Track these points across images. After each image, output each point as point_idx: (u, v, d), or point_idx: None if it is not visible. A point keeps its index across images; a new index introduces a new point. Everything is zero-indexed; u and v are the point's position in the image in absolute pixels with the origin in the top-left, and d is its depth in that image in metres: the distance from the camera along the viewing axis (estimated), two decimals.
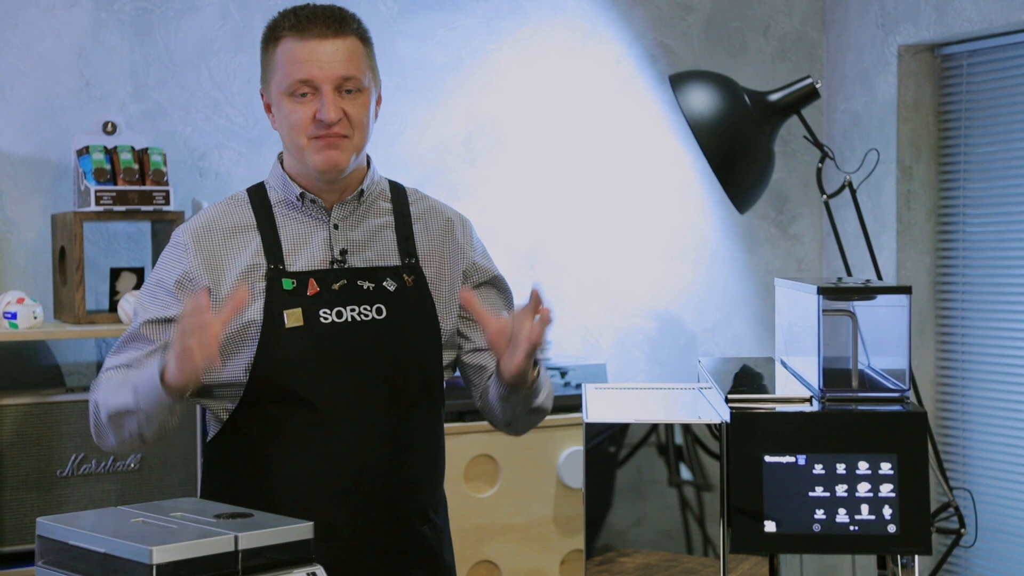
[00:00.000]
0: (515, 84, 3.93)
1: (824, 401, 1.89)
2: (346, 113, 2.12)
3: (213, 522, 1.77)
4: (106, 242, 3.43)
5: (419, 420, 2.21)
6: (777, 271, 4.28)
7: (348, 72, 2.11)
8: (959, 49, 3.96)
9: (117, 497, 3.05)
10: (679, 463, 1.90)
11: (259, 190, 2.24)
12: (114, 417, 2.11)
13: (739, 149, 3.48)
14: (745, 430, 1.82)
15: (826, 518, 1.81)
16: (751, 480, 1.81)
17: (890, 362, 1.98)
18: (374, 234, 2.21)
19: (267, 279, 2.14)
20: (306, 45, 2.11)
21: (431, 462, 2.25)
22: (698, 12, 4.16)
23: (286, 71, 2.12)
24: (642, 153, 4.09)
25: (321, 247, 2.18)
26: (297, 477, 2.13)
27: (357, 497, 2.14)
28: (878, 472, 1.80)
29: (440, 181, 3.81)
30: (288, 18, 2.15)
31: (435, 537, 2.26)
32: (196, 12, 3.54)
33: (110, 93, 3.45)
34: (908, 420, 1.81)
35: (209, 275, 2.15)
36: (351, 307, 2.14)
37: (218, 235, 2.18)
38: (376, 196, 2.24)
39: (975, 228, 3.98)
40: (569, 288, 3.99)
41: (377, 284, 2.17)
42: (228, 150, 3.58)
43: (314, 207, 2.18)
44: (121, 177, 3.19)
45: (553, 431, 3.48)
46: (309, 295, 2.14)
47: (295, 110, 2.12)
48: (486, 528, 3.42)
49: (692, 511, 1.90)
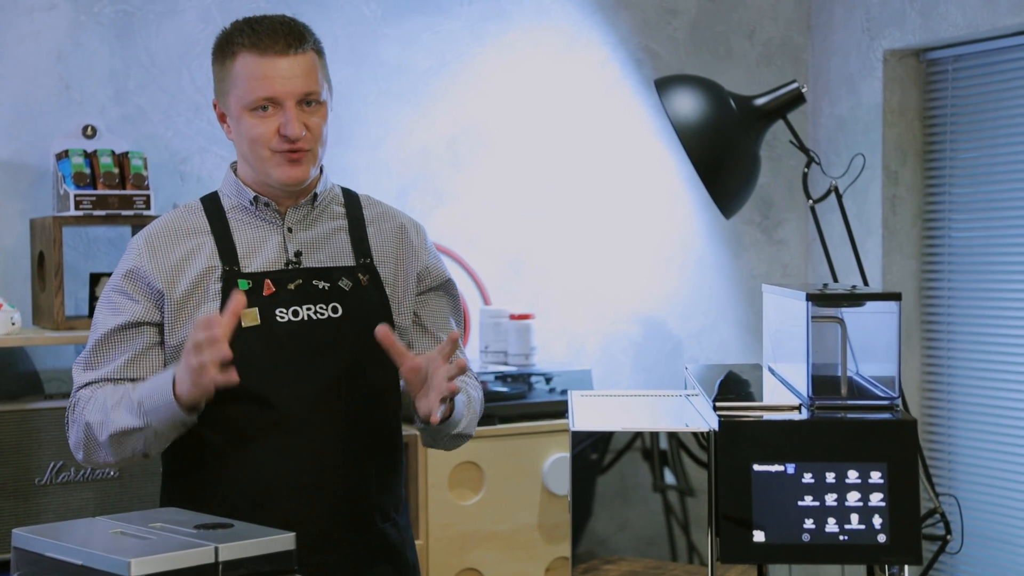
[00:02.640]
0: (500, 88, 3.91)
1: (813, 409, 1.86)
2: (308, 126, 2.16)
3: (193, 533, 1.74)
4: (85, 247, 3.39)
5: (376, 418, 2.23)
6: (762, 276, 4.26)
7: (309, 88, 2.15)
8: (944, 54, 3.95)
9: (96, 506, 3.01)
10: (665, 471, 1.88)
11: (212, 198, 2.27)
12: (117, 436, 2.10)
13: (725, 154, 3.46)
14: (733, 438, 1.80)
15: (815, 528, 1.78)
16: (739, 489, 1.79)
17: (878, 369, 1.96)
18: (328, 237, 2.24)
19: (222, 280, 2.16)
20: (267, 62, 2.13)
21: (389, 460, 2.27)
22: (683, 16, 4.14)
23: (248, 87, 2.14)
24: (628, 158, 4.07)
25: (275, 250, 2.20)
26: (255, 476, 2.15)
27: (316, 494, 2.15)
28: (868, 481, 1.78)
29: (425, 186, 3.78)
30: (244, 33, 2.17)
31: (397, 535, 2.27)
32: (177, 15, 3.50)
33: (90, 96, 3.41)
34: (898, 428, 1.79)
35: (162, 278, 2.17)
36: (307, 306, 2.16)
37: (172, 239, 2.20)
38: (329, 201, 2.27)
39: (961, 233, 3.97)
40: (555, 293, 3.97)
41: (333, 284, 2.19)
42: (209, 154, 3.55)
43: (268, 211, 2.21)
44: (101, 181, 3.15)
45: (538, 438, 3.46)
46: (265, 295, 2.16)
47: (257, 125, 2.15)
48: (470, 536, 3.39)
49: (679, 519, 1.88)
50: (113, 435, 2.10)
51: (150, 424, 2.08)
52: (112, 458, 2.14)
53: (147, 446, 2.11)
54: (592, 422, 1.92)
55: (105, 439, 2.11)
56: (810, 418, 1.82)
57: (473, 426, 2.28)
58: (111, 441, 2.11)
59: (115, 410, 2.10)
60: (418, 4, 3.79)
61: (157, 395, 2.06)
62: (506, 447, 3.41)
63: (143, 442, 2.10)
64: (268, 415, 2.13)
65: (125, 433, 2.09)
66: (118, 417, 2.09)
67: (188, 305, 2.16)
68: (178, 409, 2.04)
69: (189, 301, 2.16)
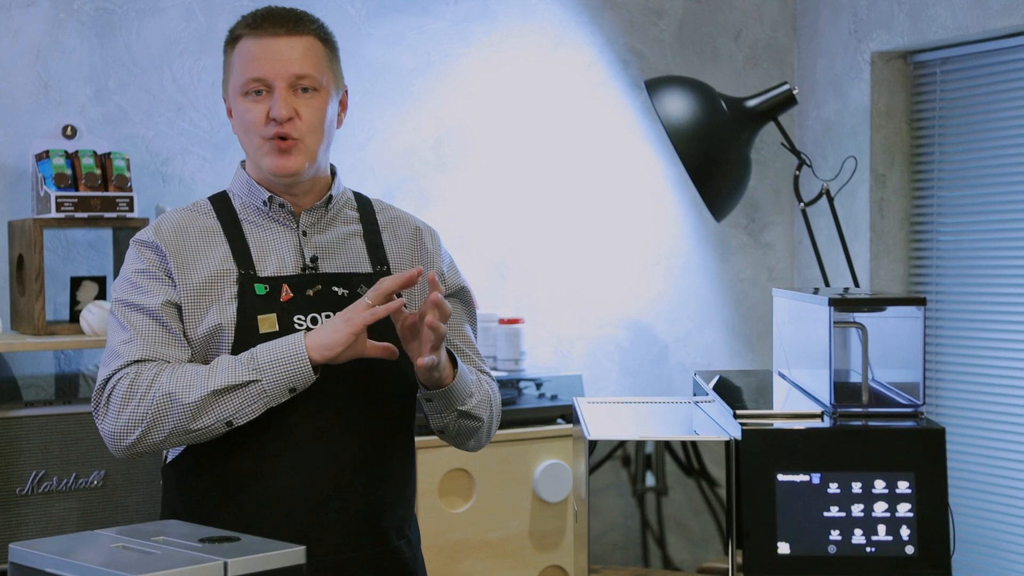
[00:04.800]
0: (485, 89, 3.85)
1: (836, 417, 1.82)
2: (299, 113, 2.06)
3: (199, 547, 1.67)
4: (65, 250, 3.31)
5: (394, 430, 2.15)
6: (748, 280, 4.23)
7: (302, 70, 2.06)
8: (932, 56, 3.93)
9: (80, 516, 2.93)
10: (684, 480, 1.83)
11: (222, 198, 2.18)
12: (212, 397, 1.96)
13: (716, 156, 3.42)
14: (757, 448, 1.75)
15: (842, 539, 1.74)
16: (764, 499, 1.74)
17: (898, 375, 1.92)
18: (343, 242, 2.16)
19: (239, 283, 2.06)
20: (260, 42, 2.06)
21: (405, 475, 2.19)
22: (669, 17, 4.10)
23: (241, 70, 2.08)
24: (614, 160, 4.03)
25: (291, 253, 2.12)
26: (270, 492, 2.05)
27: (333, 512, 2.07)
28: (895, 491, 1.74)
29: (409, 188, 3.72)
30: (246, 19, 2.11)
31: (410, 554, 2.21)
32: (159, 13, 3.42)
33: (69, 96, 3.33)
34: (926, 437, 1.75)
35: (177, 267, 2.07)
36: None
37: (185, 235, 2.11)
38: (343, 205, 2.19)
39: (948, 236, 3.95)
40: (541, 298, 3.91)
41: (351, 291, 2.11)
42: (192, 155, 3.47)
43: (282, 212, 2.13)
44: (83, 183, 3.07)
45: (529, 444, 3.40)
46: (282, 301, 2.07)
47: (249, 109, 2.07)
48: (461, 544, 3.33)
49: (698, 529, 1.83)
50: (212, 394, 1.95)
51: (262, 380, 1.96)
52: (183, 435, 1.97)
53: (241, 412, 1.97)
54: (609, 431, 1.87)
55: (195, 399, 1.95)
56: (836, 426, 1.78)
57: (486, 412, 2.16)
58: (202, 403, 1.95)
59: (209, 374, 1.97)
60: (403, 3, 3.73)
61: (280, 348, 1.95)
62: (497, 454, 3.36)
63: (238, 405, 1.96)
64: (282, 428, 2.04)
65: (227, 390, 1.95)
66: (217, 376, 1.96)
67: (201, 304, 2.06)
68: (306, 362, 1.94)
69: (202, 300, 2.06)
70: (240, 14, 2.17)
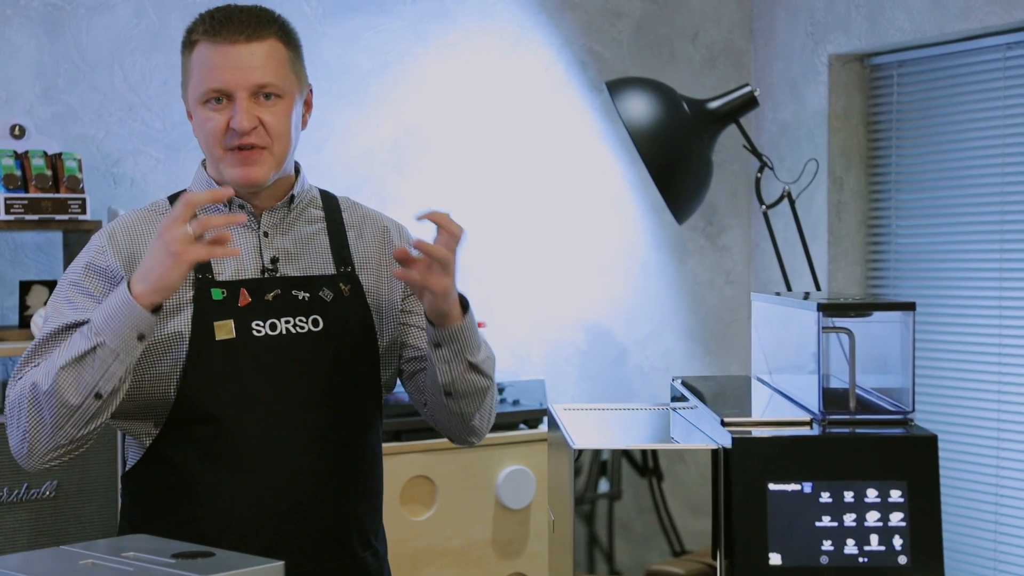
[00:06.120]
0: (443, 90, 3.80)
1: (824, 424, 1.79)
2: (263, 122, 1.98)
3: (172, 563, 1.60)
4: (12, 253, 3.21)
5: (360, 439, 2.08)
6: (706, 283, 4.21)
7: (263, 79, 1.98)
8: (889, 59, 3.93)
9: (31, 528, 2.83)
10: (670, 489, 1.79)
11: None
12: (64, 374, 1.85)
13: (679, 158, 3.40)
14: (748, 456, 1.72)
15: (834, 549, 1.71)
16: (754, 509, 1.70)
17: (883, 380, 1.89)
18: (306, 242, 2.08)
19: (195, 288, 1.98)
20: (219, 50, 1.97)
21: (372, 484, 2.13)
22: (627, 19, 4.07)
23: (199, 78, 1.98)
24: (572, 162, 3.99)
25: (251, 255, 2.04)
26: (231, 503, 1.98)
27: (296, 523, 2.00)
28: (887, 500, 1.71)
29: (368, 190, 3.66)
30: (204, 20, 2.01)
31: (376, 565, 2.14)
32: (109, 10, 3.34)
33: (17, 95, 3.23)
34: (918, 445, 1.72)
35: (127, 275, 1.95)
36: (286, 319, 2.01)
37: (138, 238, 2.02)
38: (307, 203, 2.11)
39: (905, 239, 3.95)
40: (498, 302, 3.86)
41: (313, 294, 2.04)
42: (144, 156, 3.38)
43: (243, 213, 2.04)
44: (33, 184, 2.98)
45: (491, 450, 3.35)
46: (240, 306, 1.99)
47: (210, 118, 1.99)
48: (423, 552, 3.27)
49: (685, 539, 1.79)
50: (61, 371, 1.84)
51: (104, 343, 1.84)
52: (64, 421, 1.86)
53: (102, 379, 1.85)
54: (593, 440, 1.83)
55: (50, 386, 1.85)
56: (827, 434, 1.75)
57: (491, 366, 2.09)
58: (58, 385, 1.85)
59: (59, 355, 1.87)
60: (360, 3, 3.67)
61: (109, 304, 1.85)
62: (459, 460, 3.30)
63: (95, 373, 1.84)
64: (242, 437, 1.97)
65: (75, 363, 1.85)
66: (63, 353, 1.87)
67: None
68: (136, 307, 1.83)
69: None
70: (194, 11, 2.09)
